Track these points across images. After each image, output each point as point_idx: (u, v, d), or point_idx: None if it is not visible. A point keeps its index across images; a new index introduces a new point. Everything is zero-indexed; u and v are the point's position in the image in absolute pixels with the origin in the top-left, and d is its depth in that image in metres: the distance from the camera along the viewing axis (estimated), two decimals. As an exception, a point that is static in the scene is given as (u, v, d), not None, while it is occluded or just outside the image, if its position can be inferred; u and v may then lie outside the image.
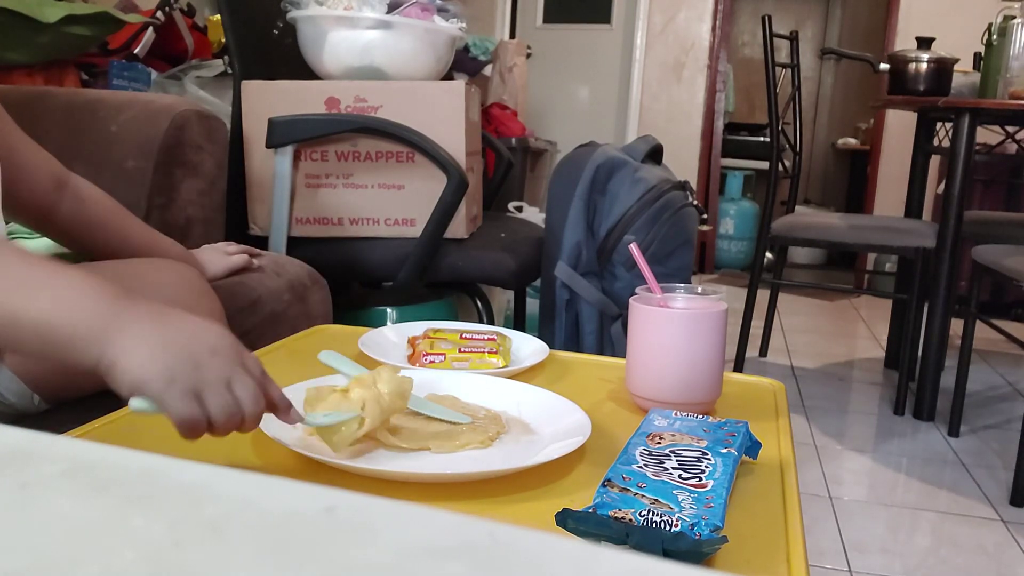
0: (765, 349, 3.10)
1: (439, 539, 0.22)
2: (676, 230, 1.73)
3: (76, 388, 0.92)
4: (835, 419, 2.44)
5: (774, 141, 2.81)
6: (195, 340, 0.59)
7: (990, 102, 2.34)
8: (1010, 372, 3.02)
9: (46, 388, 0.91)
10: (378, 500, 0.24)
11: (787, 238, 2.74)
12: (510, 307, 2.41)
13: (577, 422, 0.72)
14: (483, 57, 3.70)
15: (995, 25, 2.41)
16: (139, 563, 0.20)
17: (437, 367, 0.89)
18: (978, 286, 2.26)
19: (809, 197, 6.07)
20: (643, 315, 0.82)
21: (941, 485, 1.97)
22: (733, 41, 5.86)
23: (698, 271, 4.91)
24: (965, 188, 2.30)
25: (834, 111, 6.21)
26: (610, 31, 4.92)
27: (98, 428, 0.70)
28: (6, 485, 0.24)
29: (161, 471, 0.26)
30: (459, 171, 1.62)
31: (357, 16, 1.66)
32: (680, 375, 0.81)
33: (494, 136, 2.89)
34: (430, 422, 0.72)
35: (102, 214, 1.08)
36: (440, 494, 0.61)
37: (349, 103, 1.67)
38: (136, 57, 1.89)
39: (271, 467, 0.64)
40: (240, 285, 1.24)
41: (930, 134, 2.89)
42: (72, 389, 0.92)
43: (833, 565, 1.57)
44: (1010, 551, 1.67)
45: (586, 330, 1.77)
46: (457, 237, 1.70)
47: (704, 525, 0.51)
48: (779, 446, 0.74)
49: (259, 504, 0.24)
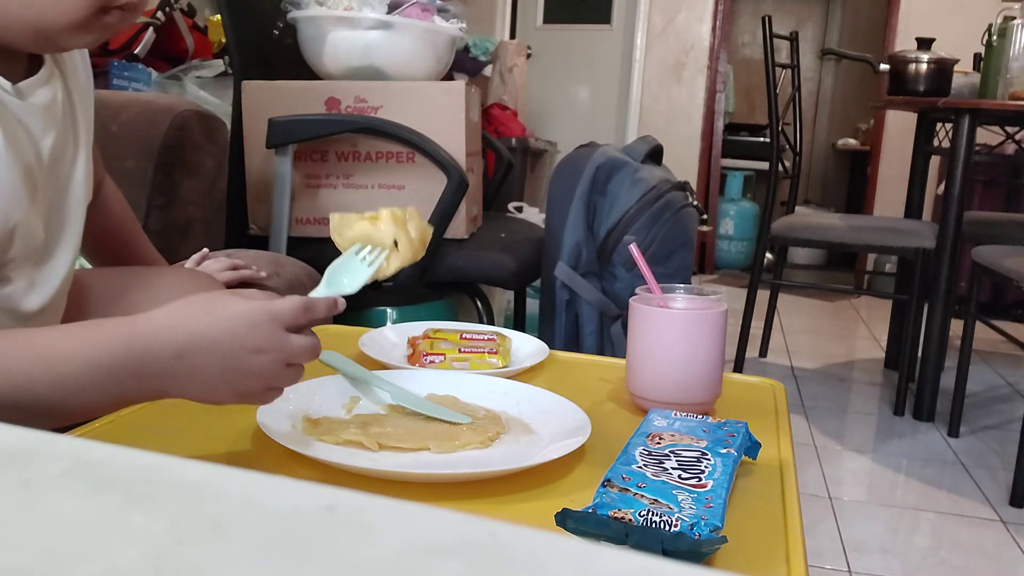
0: (765, 349, 3.10)
1: (439, 538, 0.22)
2: (676, 230, 1.73)
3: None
4: (835, 420, 2.44)
5: (774, 141, 2.81)
6: (231, 374, 0.61)
7: (990, 103, 2.34)
8: (1010, 373, 3.02)
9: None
10: (378, 499, 0.24)
11: (787, 238, 2.74)
12: (510, 307, 2.41)
13: (577, 422, 0.72)
14: (483, 57, 3.70)
15: (995, 26, 2.41)
16: (141, 561, 0.20)
17: (437, 367, 0.89)
18: (978, 287, 2.26)
19: (809, 198, 6.07)
20: (643, 315, 0.82)
21: (941, 486, 1.97)
22: (733, 41, 5.86)
23: (698, 271, 4.91)
24: (965, 189, 2.30)
25: (834, 112, 6.21)
26: (610, 31, 4.92)
27: (100, 427, 0.70)
28: (9, 483, 0.24)
29: (162, 470, 0.26)
30: (459, 171, 1.62)
31: (357, 16, 1.66)
32: (680, 375, 0.81)
33: (494, 136, 2.89)
34: (430, 422, 0.72)
35: (115, 231, 1.07)
36: (440, 494, 0.61)
37: (349, 103, 1.67)
38: (136, 57, 1.89)
39: (272, 466, 0.64)
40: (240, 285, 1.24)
41: (930, 135, 2.89)
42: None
43: (833, 565, 1.57)
44: (1010, 551, 1.67)
45: (586, 330, 1.77)
46: (457, 237, 1.70)
47: (704, 525, 0.52)
48: (779, 446, 0.74)
49: (260, 502, 0.24)
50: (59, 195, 0.81)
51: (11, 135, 0.71)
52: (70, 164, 0.82)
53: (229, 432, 0.70)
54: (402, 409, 0.75)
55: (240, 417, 0.72)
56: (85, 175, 0.84)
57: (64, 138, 0.80)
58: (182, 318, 0.61)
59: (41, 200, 0.77)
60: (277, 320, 0.61)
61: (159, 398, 0.63)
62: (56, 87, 0.79)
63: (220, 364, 0.60)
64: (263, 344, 0.60)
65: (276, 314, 0.61)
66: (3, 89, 0.72)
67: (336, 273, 0.68)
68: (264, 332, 0.60)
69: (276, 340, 0.61)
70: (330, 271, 0.68)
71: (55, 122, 0.78)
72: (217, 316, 0.60)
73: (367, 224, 0.66)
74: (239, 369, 0.60)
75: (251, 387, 0.62)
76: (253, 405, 0.65)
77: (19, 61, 0.76)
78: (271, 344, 0.60)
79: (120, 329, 0.61)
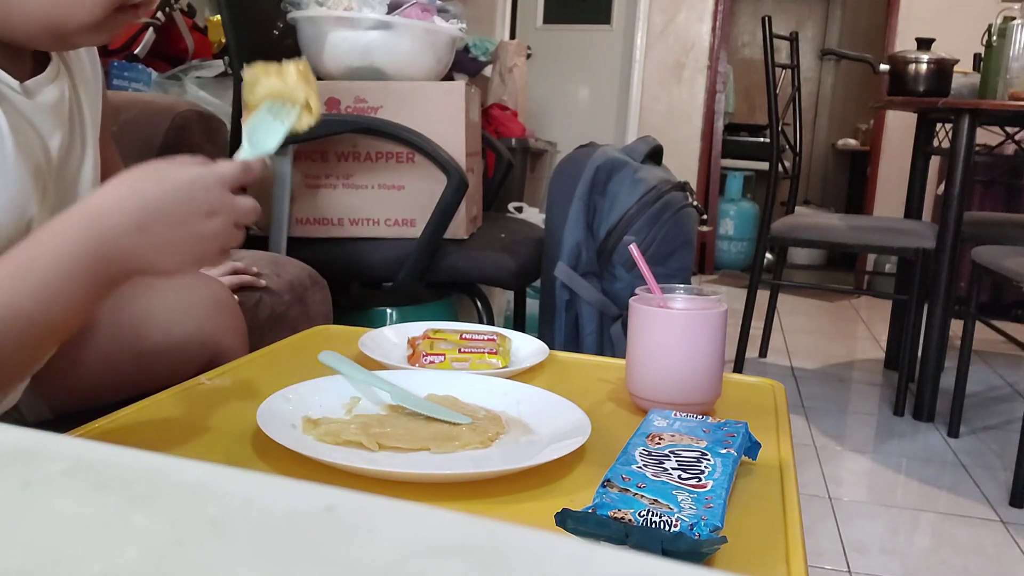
0: (765, 350, 3.10)
1: (439, 538, 0.22)
2: (676, 231, 1.74)
3: (89, 403, 0.92)
4: (835, 420, 2.44)
5: (774, 142, 2.81)
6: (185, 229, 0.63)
7: (990, 103, 2.34)
8: (1010, 373, 3.02)
9: (61, 405, 0.92)
10: (378, 499, 0.24)
11: (787, 239, 2.74)
12: (510, 307, 2.41)
13: (577, 422, 0.72)
14: (483, 58, 3.70)
15: (995, 26, 2.41)
16: (141, 561, 0.20)
17: (437, 367, 0.89)
18: (978, 287, 2.26)
19: (809, 198, 6.07)
20: (643, 315, 0.82)
21: (941, 486, 1.97)
22: (733, 42, 5.86)
23: (698, 272, 4.91)
24: (965, 189, 2.30)
25: (834, 112, 6.21)
26: (610, 31, 4.92)
27: (99, 427, 0.70)
28: (9, 484, 0.24)
29: (162, 470, 0.26)
30: (459, 172, 1.62)
31: (357, 17, 1.66)
32: (680, 375, 0.81)
33: (494, 136, 2.89)
34: (430, 422, 0.72)
35: None
36: (440, 494, 0.61)
37: (349, 104, 1.67)
38: (136, 57, 1.90)
39: (272, 466, 0.65)
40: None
41: (930, 135, 2.89)
42: (84, 403, 0.92)
43: (832, 566, 1.57)
44: (1009, 552, 1.67)
45: (586, 330, 1.77)
46: (457, 237, 1.70)
47: (703, 525, 0.52)
48: (778, 447, 0.74)
49: (260, 503, 0.24)
50: (67, 194, 0.81)
51: (20, 134, 0.71)
52: (78, 163, 0.82)
53: (229, 432, 0.70)
54: (402, 409, 0.75)
55: (240, 417, 0.72)
56: (92, 174, 0.84)
57: (71, 137, 0.80)
58: (134, 193, 0.63)
59: (49, 199, 0.77)
60: (224, 182, 0.65)
61: (128, 278, 0.65)
62: (63, 85, 0.79)
63: (178, 232, 0.63)
64: (215, 207, 0.64)
65: (222, 176, 0.65)
66: (11, 88, 0.72)
67: (255, 133, 0.71)
68: (215, 195, 0.64)
69: (226, 202, 0.64)
70: (248, 132, 0.72)
71: (62, 121, 0.78)
72: (167, 186, 0.63)
73: (277, 81, 0.70)
74: (196, 235, 0.63)
75: (207, 251, 0.65)
76: (209, 267, 0.70)
77: (25, 59, 0.75)
78: (221, 206, 0.64)
79: (75, 216, 0.62)
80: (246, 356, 0.93)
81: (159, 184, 0.63)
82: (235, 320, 0.99)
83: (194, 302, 0.94)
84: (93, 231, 0.61)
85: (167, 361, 0.91)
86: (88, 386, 0.91)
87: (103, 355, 0.90)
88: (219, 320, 0.95)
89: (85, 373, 0.90)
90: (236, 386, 0.83)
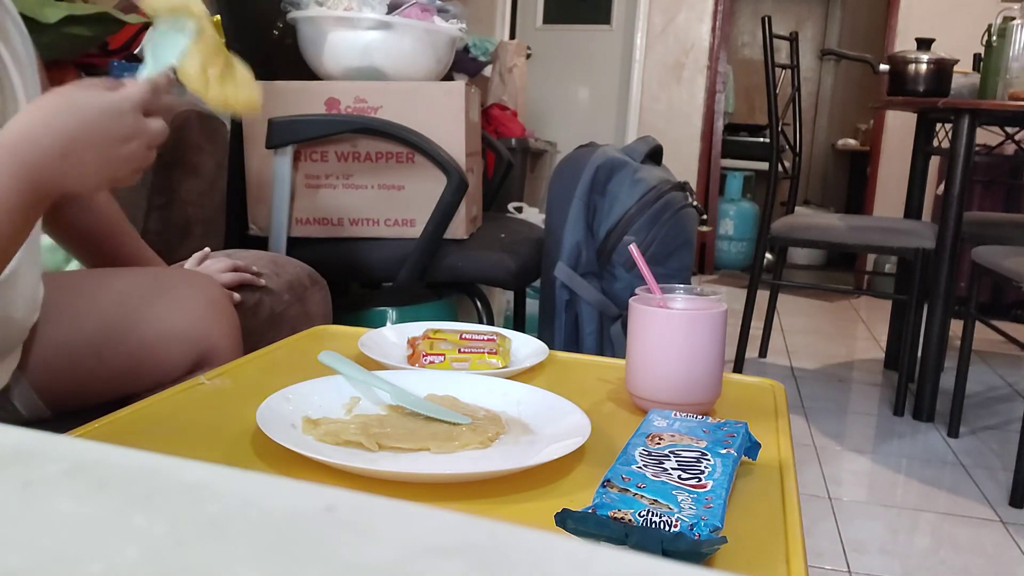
0: (765, 350, 3.10)
1: (439, 538, 0.22)
2: (676, 231, 1.74)
3: (86, 401, 0.91)
4: (835, 420, 2.44)
5: (774, 142, 2.81)
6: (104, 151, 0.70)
7: (990, 103, 2.34)
8: (1009, 373, 3.02)
9: (59, 403, 0.91)
10: (378, 499, 0.24)
11: (787, 239, 2.74)
12: (510, 307, 2.41)
13: (577, 422, 0.72)
14: (483, 58, 3.70)
15: (995, 26, 2.41)
16: (141, 561, 0.20)
17: (437, 367, 0.89)
18: (977, 287, 2.26)
19: (809, 198, 6.07)
20: (643, 316, 0.82)
21: (940, 486, 1.97)
22: (733, 42, 5.86)
23: (698, 272, 4.91)
24: (965, 189, 2.30)
25: (834, 112, 6.21)
26: (610, 32, 4.92)
27: (99, 428, 0.70)
28: (8, 484, 0.24)
29: (162, 470, 0.26)
30: (459, 172, 1.62)
31: (357, 17, 1.67)
32: (680, 376, 0.81)
33: (494, 137, 2.89)
34: (429, 422, 0.72)
35: (102, 228, 1.06)
36: (440, 494, 0.61)
37: (349, 104, 1.67)
38: (136, 57, 1.89)
39: (271, 467, 0.65)
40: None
41: (930, 135, 2.89)
42: (83, 402, 0.91)
43: (832, 566, 1.57)
44: (1009, 552, 1.67)
45: (586, 331, 1.77)
46: (457, 238, 1.70)
47: (703, 525, 0.52)
48: (778, 447, 0.74)
49: (260, 503, 0.24)
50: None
51: None
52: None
53: (229, 432, 0.70)
54: (402, 409, 0.75)
55: (240, 417, 0.72)
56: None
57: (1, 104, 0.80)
58: (56, 123, 0.68)
59: None
60: (137, 107, 0.71)
61: (52, 199, 0.72)
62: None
63: (98, 157, 0.70)
64: (129, 133, 0.71)
65: (135, 101, 0.71)
66: None
67: (157, 49, 0.74)
68: (129, 121, 0.70)
69: (140, 127, 0.71)
70: (150, 49, 0.75)
71: None
72: (85, 115, 0.69)
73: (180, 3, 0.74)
74: (113, 158, 0.71)
75: (122, 171, 0.73)
76: (123, 185, 0.75)
77: None
78: (136, 131, 0.71)
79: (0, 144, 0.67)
80: (246, 356, 0.93)
81: (78, 115, 0.68)
82: (228, 319, 0.99)
83: (187, 300, 0.94)
84: (18, 158, 0.66)
85: (158, 358, 0.91)
86: (78, 380, 0.91)
87: (94, 348, 0.90)
88: (212, 319, 0.94)
89: (75, 366, 0.90)
90: (236, 386, 0.83)
